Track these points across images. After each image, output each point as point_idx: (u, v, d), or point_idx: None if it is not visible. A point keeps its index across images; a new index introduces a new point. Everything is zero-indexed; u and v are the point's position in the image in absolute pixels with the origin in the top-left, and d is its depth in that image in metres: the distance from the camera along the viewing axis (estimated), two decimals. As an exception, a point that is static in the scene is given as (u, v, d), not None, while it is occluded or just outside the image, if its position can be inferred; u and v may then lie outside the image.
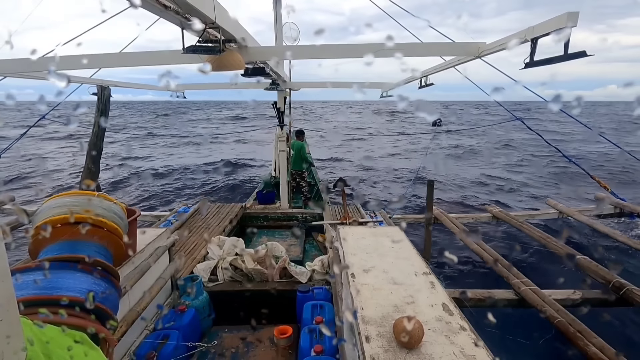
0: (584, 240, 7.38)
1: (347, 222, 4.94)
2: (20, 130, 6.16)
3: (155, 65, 3.26)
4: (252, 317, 2.53)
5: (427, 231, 5.54)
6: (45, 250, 1.18)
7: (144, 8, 1.97)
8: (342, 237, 2.61)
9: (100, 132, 4.73)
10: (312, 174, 8.24)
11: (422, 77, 4.63)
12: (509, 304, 3.73)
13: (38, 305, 0.84)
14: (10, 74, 3.74)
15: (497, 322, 4.56)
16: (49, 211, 1.28)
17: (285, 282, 3.46)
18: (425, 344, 1.40)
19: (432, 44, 3.34)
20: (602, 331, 3.23)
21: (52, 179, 12.66)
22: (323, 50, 3.23)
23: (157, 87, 6.14)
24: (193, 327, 2.60)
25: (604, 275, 3.73)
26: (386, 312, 1.64)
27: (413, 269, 2.09)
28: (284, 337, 2.53)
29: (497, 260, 4.19)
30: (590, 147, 19.29)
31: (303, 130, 7.39)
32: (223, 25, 2.31)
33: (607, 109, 74.72)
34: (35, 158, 16.20)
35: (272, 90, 5.92)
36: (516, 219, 5.70)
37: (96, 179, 4.82)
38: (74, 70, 4.24)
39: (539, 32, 2.34)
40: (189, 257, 3.91)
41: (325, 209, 5.94)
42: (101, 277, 1.02)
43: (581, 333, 2.90)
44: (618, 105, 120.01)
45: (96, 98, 4.56)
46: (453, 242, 6.72)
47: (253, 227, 5.97)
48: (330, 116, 51.61)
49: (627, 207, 5.99)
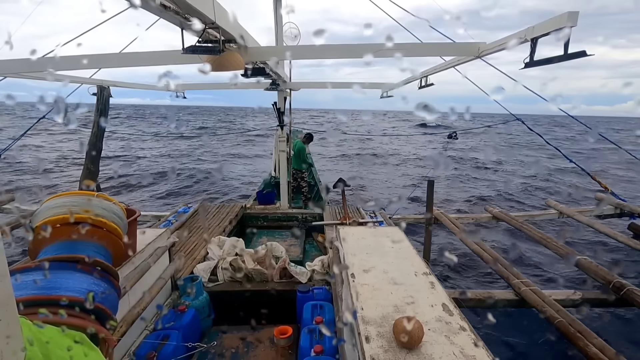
0: (584, 241, 7.39)
1: (347, 222, 4.94)
2: (19, 131, 6.16)
3: (155, 65, 3.26)
4: (252, 317, 2.53)
5: (427, 231, 5.54)
6: (44, 250, 1.18)
7: (144, 8, 1.97)
8: (342, 238, 2.60)
9: (100, 132, 4.73)
10: (312, 175, 8.25)
11: (422, 78, 4.63)
12: (509, 304, 3.73)
13: (38, 306, 0.84)
14: (11, 74, 3.74)
15: (497, 322, 4.58)
16: (48, 211, 1.27)
17: (285, 282, 3.46)
18: (425, 344, 1.40)
19: (432, 44, 3.34)
20: (603, 331, 3.24)
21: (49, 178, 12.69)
22: (323, 50, 3.23)
23: (157, 87, 6.14)
24: (193, 327, 2.60)
25: (604, 276, 3.72)
26: (386, 313, 1.63)
27: (413, 269, 2.08)
28: (284, 337, 2.53)
29: (497, 260, 4.19)
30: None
31: (312, 135, 7.32)
32: (223, 25, 2.31)
33: (622, 125, 72.48)
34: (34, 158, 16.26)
35: (272, 91, 5.92)
36: (516, 219, 5.70)
37: (96, 179, 4.82)
38: (74, 70, 4.25)
39: (539, 32, 2.35)
40: (189, 257, 3.91)
41: (325, 209, 5.94)
42: (101, 278, 1.01)
43: (581, 333, 2.90)
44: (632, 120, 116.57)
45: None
46: (453, 242, 6.72)
47: (253, 228, 5.97)
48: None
49: (627, 208, 6.00)
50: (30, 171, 13.21)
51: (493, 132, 28.81)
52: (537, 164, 18.09)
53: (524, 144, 27.19)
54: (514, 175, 15.36)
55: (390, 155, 20.89)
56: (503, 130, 32.84)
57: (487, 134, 27.35)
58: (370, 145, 25.03)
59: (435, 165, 16.22)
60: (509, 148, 23.90)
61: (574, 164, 5.50)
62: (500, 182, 13.79)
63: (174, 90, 6.52)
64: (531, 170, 16.56)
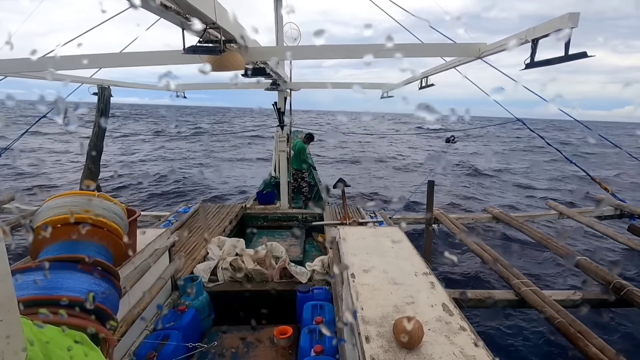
0: (584, 241, 7.39)
1: (347, 222, 4.94)
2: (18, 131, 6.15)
3: (155, 65, 3.26)
4: (252, 317, 2.53)
5: (427, 231, 5.54)
6: (45, 250, 1.18)
7: (144, 8, 1.97)
8: (342, 238, 2.60)
9: (101, 132, 4.73)
10: (312, 175, 8.26)
11: (422, 78, 4.63)
12: (509, 304, 3.72)
13: (38, 306, 0.84)
14: (11, 74, 3.74)
15: (497, 322, 4.58)
16: (48, 211, 1.28)
17: (285, 282, 3.46)
18: (425, 344, 1.40)
19: (433, 45, 3.34)
20: (603, 332, 3.24)
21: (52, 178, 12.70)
22: (323, 50, 3.23)
23: (157, 87, 6.14)
24: (193, 327, 2.60)
25: (604, 276, 3.72)
26: (386, 313, 1.63)
27: (413, 269, 2.09)
28: (284, 337, 2.53)
29: (497, 260, 4.19)
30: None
31: (313, 135, 7.50)
32: (223, 25, 2.31)
33: (620, 130, 71.73)
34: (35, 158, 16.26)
35: (272, 91, 5.92)
36: (516, 220, 5.70)
37: (96, 179, 4.82)
38: (74, 70, 4.25)
39: (540, 32, 2.35)
40: (189, 257, 3.91)
41: (325, 209, 5.94)
42: (101, 277, 1.01)
43: (581, 334, 2.89)
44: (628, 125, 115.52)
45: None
46: (453, 242, 6.72)
47: (253, 228, 5.97)
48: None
49: (627, 209, 6.00)
50: (27, 173, 13.19)
51: (493, 136, 28.55)
52: (537, 165, 18.06)
53: (528, 149, 26.76)
54: (513, 179, 15.33)
55: (392, 158, 20.84)
56: (504, 134, 32.72)
57: (486, 136, 27.23)
58: (369, 149, 24.97)
59: (435, 167, 16.17)
60: (511, 151, 23.71)
61: (578, 168, 5.49)
62: (497, 188, 13.74)
63: (174, 90, 6.53)
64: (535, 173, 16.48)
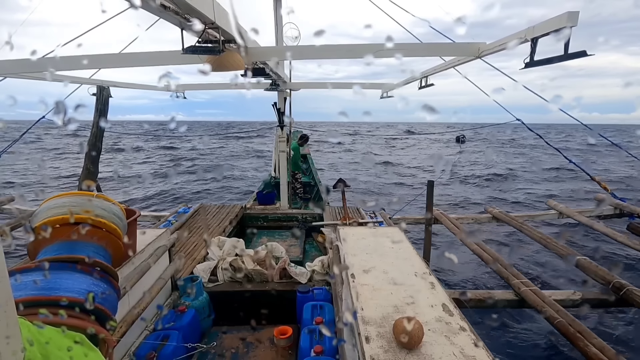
0: (584, 241, 7.39)
1: (347, 222, 4.94)
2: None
3: (155, 65, 3.26)
4: (252, 317, 2.52)
5: (427, 232, 5.53)
6: (44, 250, 1.17)
7: (144, 8, 1.97)
8: (342, 238, 2.60)
9: (99, 133, 4.72)
10: (313, 175, 8.26)
11: (422, 78, 4.63)
12: (509, 304, 3.72)
13: (38, 306, 0.84)
14: (11, 74, 3.74)
15: (497, 322, 4.57)
16: (48, 211, 1.27)
17: (285, 282, 3.46)
18: (425, 345, 1.40)
19: (432, 45, 3.34)
20: (602, 331, 3.24)
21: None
22: (323, 50, 3.23)
23: (157, 87, 6.14)
24: (193, 327, 2.60)
25: (603, 276, 3.72)
26: (386, 313, 1.63)
27: (413, 270, 2.08)
28: (284, 337, 2.53)
29: (497, 260, 4.18)
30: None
31: (308, 136, 7.79)
32: (223, 25, 2.31)
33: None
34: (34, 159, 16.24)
35: (272, 91, 5.92)
36: (516, 220, 5.69)
37: (95, 180, 4.81)
38: (73, 70, 4.25)
39: (539, 32, 2.34)
40: (189, 257, 3.91)
41: (325, 210, 5.94)
42: (100, 278, 1.01)
43: (581, 334, 2.89)
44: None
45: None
46: (453, 242, 6.72)
47: (253, 228, 5.97)
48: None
49: (627, 208, 5.99)
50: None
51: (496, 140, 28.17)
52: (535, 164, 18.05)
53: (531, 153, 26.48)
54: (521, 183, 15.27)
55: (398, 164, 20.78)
56: (505, 137, 32.56)
57: (489, 140, 27.16)
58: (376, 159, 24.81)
59: (439, 166, 16.18)
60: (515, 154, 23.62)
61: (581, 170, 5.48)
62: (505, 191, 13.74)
63: (174, 91, 6.52)
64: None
